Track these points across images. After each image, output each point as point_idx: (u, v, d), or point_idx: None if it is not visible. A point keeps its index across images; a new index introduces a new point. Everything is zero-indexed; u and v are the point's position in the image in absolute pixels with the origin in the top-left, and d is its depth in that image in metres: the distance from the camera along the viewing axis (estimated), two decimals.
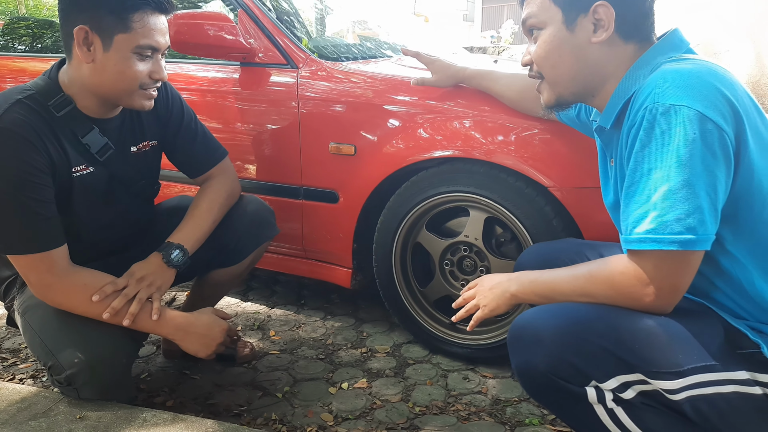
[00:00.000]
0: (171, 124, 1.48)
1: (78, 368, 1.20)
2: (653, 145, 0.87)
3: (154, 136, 1.45)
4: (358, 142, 1.68)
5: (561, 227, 1.46)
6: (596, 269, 0.98)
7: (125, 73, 1.21)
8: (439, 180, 1.59)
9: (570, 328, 0.94)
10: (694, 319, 0.93)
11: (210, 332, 1.35)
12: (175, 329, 1.32)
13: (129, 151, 1.39)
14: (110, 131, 1.33)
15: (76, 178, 1.28)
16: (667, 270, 0.88)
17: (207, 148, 1.54)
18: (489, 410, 1.44)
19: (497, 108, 1.52)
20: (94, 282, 1.25)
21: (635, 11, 0.96)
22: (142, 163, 1.42)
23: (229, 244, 1.53)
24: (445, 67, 1.58)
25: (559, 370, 0.93)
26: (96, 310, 1.23)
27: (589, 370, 0.92)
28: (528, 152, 1.47)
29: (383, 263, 1.73)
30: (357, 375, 1.61)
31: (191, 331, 1.33)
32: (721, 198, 0.87)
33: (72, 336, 1.22)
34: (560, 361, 0.93)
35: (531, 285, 1.06)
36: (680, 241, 0.85)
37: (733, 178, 0.87)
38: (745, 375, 0.88)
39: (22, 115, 1.18)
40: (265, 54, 1.83)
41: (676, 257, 0.87)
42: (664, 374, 0.88)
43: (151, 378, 1.61)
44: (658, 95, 0.87)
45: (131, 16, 1.18)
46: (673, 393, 0.89)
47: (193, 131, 1.52)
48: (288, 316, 2.00)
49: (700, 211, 0.84)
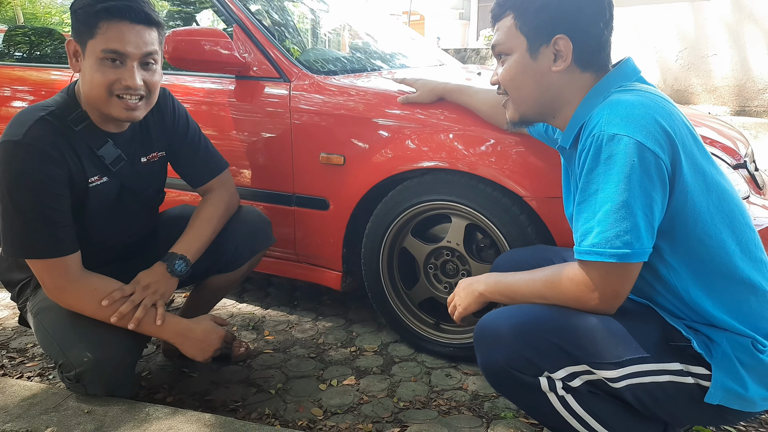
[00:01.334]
0: (177, 136, 1.57)
1: (86, 366, 1.30)
2: (599, 169, 0.98)
3: (162, 148, 1.55)
4: (347, 153, 1.78)
5: (535, 234, 1.57)
6: (551, 275, 1.09)
7: (93, 79, 1.28)
8: (422, 189, 1.69)
9: (524, 326, 1.07)
10: (634, 317, 1.06)
11: (207, 338, 1.44)
12: (175, 334, 1.42)
13: (139, 162, 1.49)
14: (122, 143, 1.43)
15: (92, 188, 1.38)
16: (609, 278, 1.01)
17: (208, 160, 1.64)
18: (468, 405, 1.55)
19: (477, 123, 1.62)
20: (104, 287, 1.35)
21: (592, 45, 1.07)
22: (150, 172, 1.52)
23: (227, 253, 1.62)
24: (426, 84, 1.69)
25: (516, 364, 1.05)
26: (104, 313, 1.33)
27: (542, 362, 1.04)
28: (505, 164, 1.57)
29: (371, 267, 1.83)
30: (346, 372, 1.72)
31: (190, 336, 1.43)
32: (657, 216, 0.98)
33: (82, 336, 1.32)
34: (516, 355, 1.05)
35: (496, 285, 1.19)
36: (618, 255, 0.97)
37: (669, 198, 0.98)
38: (678, 366, 1.00)
39: (45, 131, 1.28)
40: (259, 68, 1.92)
41: (616, 268, 0.99)
42: (606, 365, 1.01)
43: (151, 375, 1.71)
44: (604, 124, 0.98)
45: (97, 23, 1.26)
46: (615, 381, 1.01)
47: (196, 144, 1.62)
48: (281, 316, 2.10)
49: (637, 229, 0.96)
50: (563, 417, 1.06)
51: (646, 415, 1.06)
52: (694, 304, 1.04)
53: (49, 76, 2.29)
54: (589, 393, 1.04)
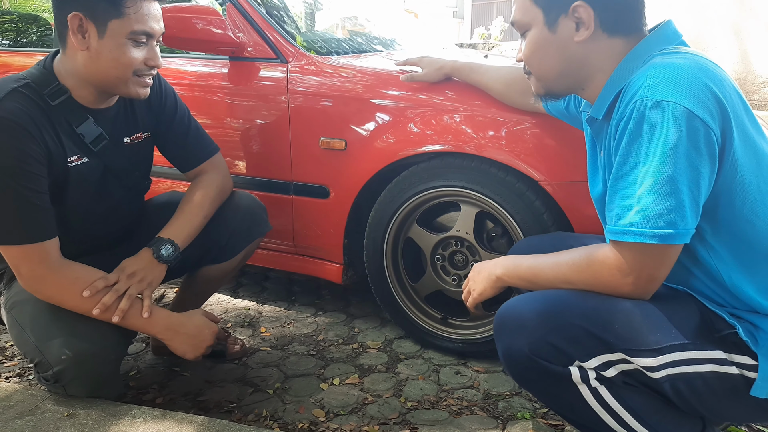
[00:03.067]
0: (164, 116, 1.46)
1: (65, 365, 1.18)
2: (641, 140, 0.88)
3: (147, 128, 1.43)
4: (348, 137, 1.67)
5: (551, 221, 1.46)
6: (578, 257, 0.99)
7: (120, 60, 1.20)
8: (429, 175, 1.58)
9: (551, 311, 0.96)
10: (671, 302, 0.96)
11: (199, 334, 1.34)
12: (164, 329, 1.31)
13: (122, 142, 1.37)
14: (104, 121, 1.32)
15: (72, 168, 1.26)
16: (646, 262, 0.91)
17: (199, 142, 1.53)
18: (481, 404, 1.44)
19: (488, 102, 1.52)
20: (85, 276, 1.23)
21: (616, 8, 0.97)
22: (135, 154, 1.41)
23: (220, 241, 1.52)
24: (433, 62, 1.59)
25: (542, 352, 0.95)
26: (86, 305, 1.21)
27: (571, 350, 0.94)
28: (519, 146, 1.47)
29: (374, 259, 1.73)
30: (348, 371, 1.61)
31: (181, 331, 1.32)
32: (703, 194, 0.88)
33: (60, 332, 1.21)
34: (543, 343, 0.95)
35: (516, 269, 1.09)
36: (660, 236, 0.87)
37: (716, 174, 0.88)
38: (721, 354, 0.90)
39: (20, 104, 1.16)
40: (254, 48, 1.81)
41: (655, 250, 0.89)
42: (643, 352, 0.91)
43: (140, 375, 1.59)
44: (647, 90, 0.87)
45: (125, 2, 1.17)
46: (653, 371, 0.91)
47: (186, 125, 1.51)
48: (278, 312, 1.99)
49: (682, 207, 0.86)
50: (595, 412, 0.95)
51: (685, 410, 0.96)
52: (737, 290, 0.94)
53: (34, 60, 2.17)
54: (625, 385, 0.94)
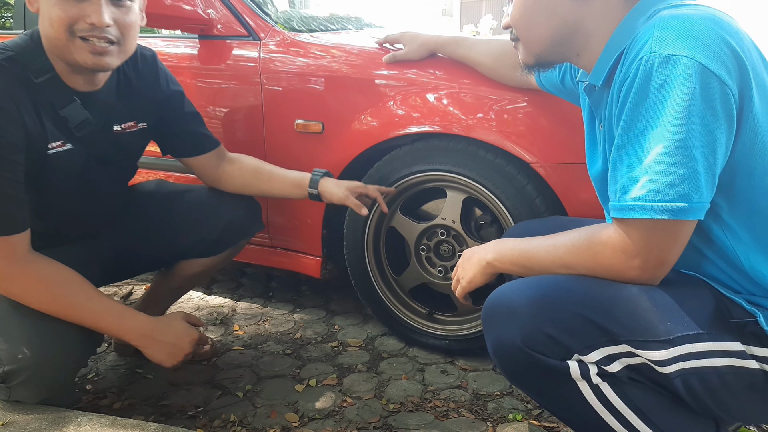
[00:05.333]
0: (172, 104, 1.36)
1: (20, 365, 1.05)
2: (649, 102, 0.76)
3: (144, 119, 1.31)
4: (326, 119, 1.55)
5: (544, 207, 1.35)
6: (577, 238, 0.88)
7: (51, 15, 1.05)
8: (413, 158, 1.47)
9: (546, 297, 0.85)
10: (681, 287, 0.85)
11: (179, 341, 1.21)
12: (140, 335, 1.18)
13: (111, 130, 1.24)
14: (93, 105, 1.18)
15: (52, 155, 1.13)
16: (655, 241, 0.79)
17: (206, 129, 1.44)
18: (469, 406, 1.33)
19: (475, 79, 1.41)
20: (54, 276, 1.10)
21: None
22: (125, 144, 1.28)
23: (212, 233, 1.42)
24: (415, 37, 1.47)
25: (537, 343, 0.83)
26: (52, 307, 1.09)
27: (570, 342, 0.82)
28: (509, 126, 1.35)
29: (355, 250, 1.61)
30: (326, 371, 1.49)
31: (159, 338, 1.19)
32: (719, 162, 0.77)
33: (20, 327, 1.07)
34: (537, 333, 0.83)
35: (508, 253, 0.97)
36: (672, 209, 0.76)
37: (734, 139, 0.77)
38: (739, 347, 0.79)
39: (0, 80, 1.03)
40: (225, 25, 1.69)
41: (666, 227, 0.78)
42: (652, 343, 0.80)
43: (99, 377, 1.46)
44: (655, 44, 0.76)
45: None
46: (663, 365, 0.80)
47: (195, 110, 1.42)
48: (254, 309, 1.87)
49: (696, 177, 0.75)
50: (596, 411, 0.84)
51: (696, 410, 0.85)
52: (756, 274, 0.83)
53: None
54: (630, 381, 0.83)
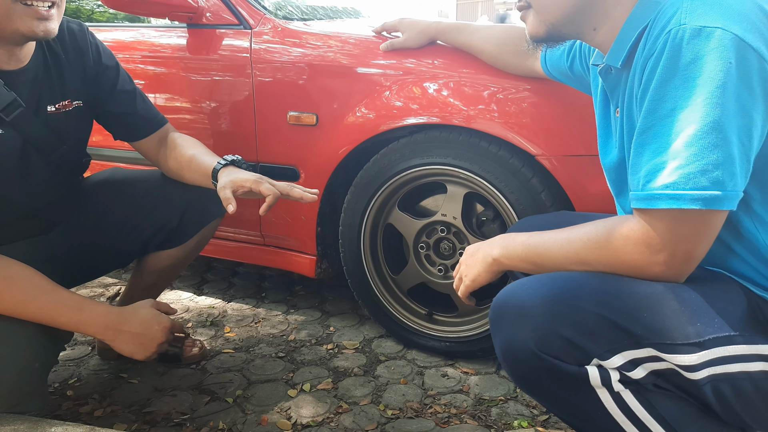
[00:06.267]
0: (104, 81, 1.25)
1: None
2: (677, 79, 0.69)
3: (79, 96, 1.21)
4: (320, 111, 1.48)
5: (550, 202, 1.29)
6: (595, 231, 0.81)
7: None
8: (412, 151, 1.40)
9: (561, 296, 0.77)
10: (710, 285, 0.78)
11: (148, 331, 1.13)
12: (104, 327, 1.10)
13: (45, 111, 1.15)
14: (19, 85, 1.10)
15: None
16: (684, 233, 0.72)
17: (150, 109, 1.34)
18: (471, 411, 1.26)
19: (477, 67, 1.34)
20: (3, 272, 1.03)
21: None
22: (62, 125, 1.19)
23: (171, 221, 1.32)
24: (414, 24, 1.40)
25: (551, 347, 0.76)
26: (1, 305, 1.01)
27: (588, 345, 0.75)
28: (512, 117, 1.28)
29: (351, 248, 1.54)
30: (321, 375, 1.41)
31: (124, 329, 1.11)
32: (755, 146, 0.71)
33: None
34: (553, 335, 0.76)
35: (516, 249, 0.90)
36: (705, 198, 0.69)
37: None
38: None
39: None
40: (214, 13, 1.61)
41: (696, 218, 0.71)
42: (681, 347, 0.72)
43: (80, 383, 1.39)
44: (685, 15, 0.69)
45: None
46: (692, 370, 0.73)
47: (132, 90, 1.31)
48: (246, 310, 1.79)
49: (731, 162, 0.68)
50: (616, 421, 0.77)
51: (726, 419, 0.78)
52: None
53: None
54: (655, 388, 0.76)
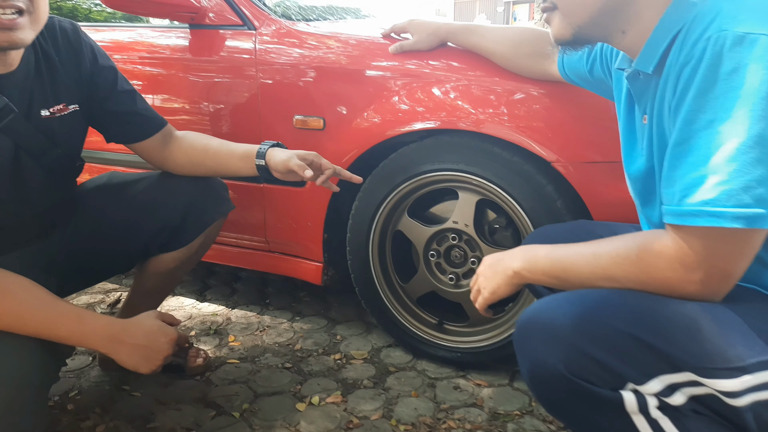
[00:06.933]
0: (102, 82, 1.20)
1: None
2: (718, 89, 0.66)
3: (74, 100, 1.16)
4: (327, 115, 1.44)
5: (566, 210, 1.25)
6: (624, 248, 0.77)
7: None
8: (422, 157, 1.36)
9: (593, 315, 0.74)
10: (746, 303, 0.74)
11: (153, 343, 1.08)
12: (107, 339, 1.05)
13: (38, 116, 1.10)
14: (10, 89, 1.05)
15: None
16: (722, 252, 0.69)
17: (151, 111, 1.29)
18: (487, 427, 1.22)
19: (490, 69, 1.30)
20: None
21: None
22: (57, 130, 1.14)
23: (173, 220, 1.27)
24: (424, 26, 1.36)
25: (583, 370, 0.72)
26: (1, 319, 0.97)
27: (623, 368, 0.71)
28: (527, 121, 1.25)
29: (359, 256, 1.50)
30: (330, 387, 1.37)
31: (128, 341, 1.06)
32: None
33: None
34: (584, 357, 0.72)
35: (540, 262, 0.86)
36: (747, 217, 0.65)
37: None
38: None
39: None
40: (217, 14, 1.57)
41: (736, 236, 0.67)
42: (722, 371, 0.69)
43: (81, 396, 1.34)
44: (725, 21, 0.66)
45: None
46: (734, 396, 0.69)
47: (132, 88, 1.27)
48: (250, 317, 1.75)
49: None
50: None
51: None
52: None
53: None
54: (694, 414, 0.72)
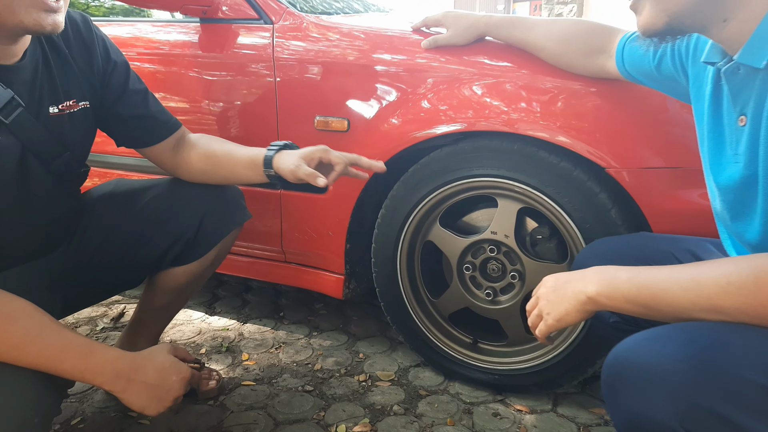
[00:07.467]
0: (114, 80, 1.09)
1: None
2: None
3: (85, 96, 1.05)
4: (351, 116, 1.32)
5: (621, 220, 1.13)
6: (736, 273, 0.65)
7: None
8: (457, 161, 1.24)
9: (709, 357, 0.62)
10: None
11: (164, 381, 0.96)
12: (114, 376, 0.92)
13: (46, 113, 0.99)
14: (18, 83, 0.93)
15: None
16: None
17: (164, 111, 1.18)
18: None
19: (535, 66, 1.18)
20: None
21: None
22: (66, 129, 1.02)
23: (187, 231, 1.16)
24: (460, 19, 1.25)
25: (702, 426, 0.60)
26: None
27: (753, 425, 0.59)
28: (578, 123, 1.13)
29: (385, 268, 1.38)
30: (356, 413, 1.26)
31: (137, 379, 0.94)
32: None
33: None
34: (703, 411, 0.60)
35: (621, 287, 0.73)
36: None
37: None
38: None
39: None
40: (231, 7, 1.45)
41: None
42: None
43: (85, 424, 1.23)
44: None
45: None
46: None
47: (144, 87, 1.16)
48: (264, 333, 1.63)
49: None
50: None
51: None
52: None
53: None
54: None
